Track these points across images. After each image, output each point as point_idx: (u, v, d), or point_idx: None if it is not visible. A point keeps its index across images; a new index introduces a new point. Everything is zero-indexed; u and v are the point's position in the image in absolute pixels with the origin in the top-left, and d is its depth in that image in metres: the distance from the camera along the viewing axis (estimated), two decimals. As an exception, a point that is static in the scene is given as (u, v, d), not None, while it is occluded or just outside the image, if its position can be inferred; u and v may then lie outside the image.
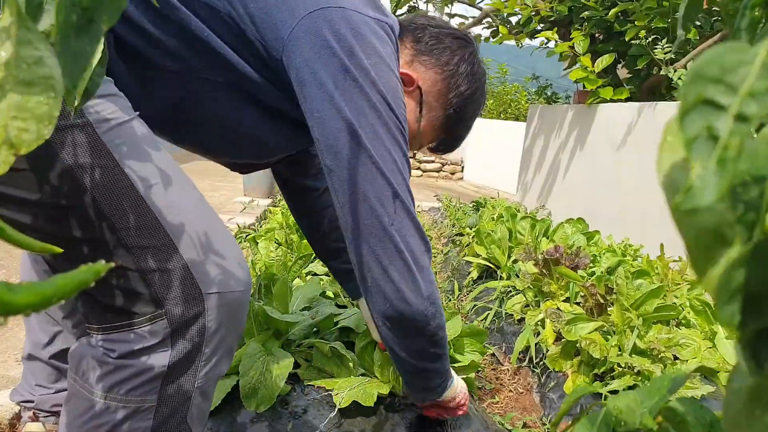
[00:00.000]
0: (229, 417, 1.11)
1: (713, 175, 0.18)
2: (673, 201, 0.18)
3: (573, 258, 1.95)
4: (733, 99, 0.18)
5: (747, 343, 0.18)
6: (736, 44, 0.19)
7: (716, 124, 0.18)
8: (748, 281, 0.17)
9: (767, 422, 0.19)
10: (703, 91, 0.19)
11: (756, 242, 0.17)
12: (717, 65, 0.19)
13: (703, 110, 0.19)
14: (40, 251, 0.31)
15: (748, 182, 0.17)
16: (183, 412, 0.76)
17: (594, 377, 1.49)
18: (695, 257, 0.18)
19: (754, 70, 0.18)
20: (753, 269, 0.17)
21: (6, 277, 2.27)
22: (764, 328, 0.18)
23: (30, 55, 0.24)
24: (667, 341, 1.45)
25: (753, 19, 0.29)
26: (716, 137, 0.18)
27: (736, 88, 0.18)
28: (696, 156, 0.18)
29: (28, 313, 0.23)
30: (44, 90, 0.24)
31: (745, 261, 0.17)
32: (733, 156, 0.18)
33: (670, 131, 0.19)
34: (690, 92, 0.19)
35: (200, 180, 5.85)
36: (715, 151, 0.18)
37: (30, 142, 0.24)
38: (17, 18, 0.25)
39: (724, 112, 0.18)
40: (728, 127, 0.18)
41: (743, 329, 0.18)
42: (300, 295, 1.51)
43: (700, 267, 0.18)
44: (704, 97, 0.19)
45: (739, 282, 0.17)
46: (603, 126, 3.37)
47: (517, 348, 1.77)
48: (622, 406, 0.29)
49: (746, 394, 0.20)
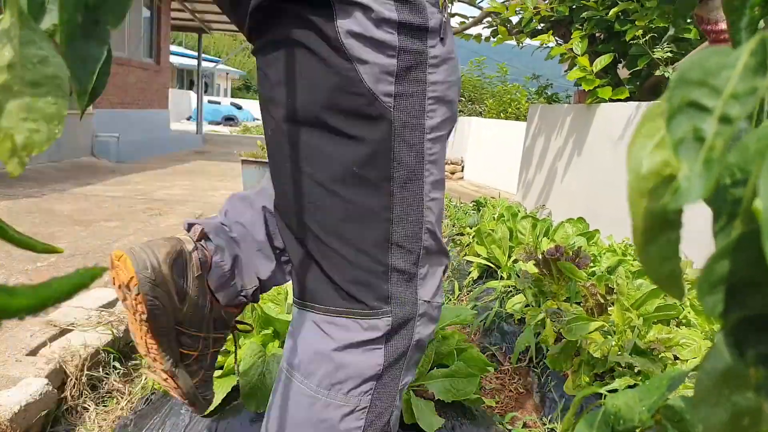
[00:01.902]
0: (229, 417, 1.11)
1: (699, 177, 0.18)
2: (661, 202, 0.19)
3: (573, 258, 1.95)
4: (717, 101, 0.19)
5: (729, 331, 0.19)
6: (719, 48, 0.20)
7: (702, 126, 0.19)
8: (731, 272, 0.18)
9: (733, 401, 0.20)
10: (688, 94, 0.19)
11: (738, 234, 0.18)
12: (700, 69, 0.19)
13: (689, 112, 0.19)
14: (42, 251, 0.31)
15: (736, 177, 0.18)
16: (388, 415, 0.78)
17: (594, 377, 1.49)
18: (641, 238, 0.20)
19: (736, 73, 0.19)
20: (735, 260, 0.18)
21: (6, 277, 2.28)
22: (746, 317, 0.19)
23: (34, 55, 0.24)
24: (668, 341, 1.45)
25: (753, 18, 0.29)
26: (702, 138, 0.19)
27: (719, 91, 0.19)
28: (683, 157, 0.19)
29: (23, 317, 0.23)
30: (52, 90, 0.24)
31: (728, 252, 0.18)
32: (717, 157, 0.18)
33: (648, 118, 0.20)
34: (675, 95, 0.19)
35: (200, 180, 5.85)
36: (701, 152, 0.19)
37: (41, 143, 0.24)
38: (19, 18, 0.25)
39: (709, 114, 0.19)
40: (713, 129, 0.19)
41: (726, 318, 0.19)
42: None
43: (643, 246, 0.20)
44: (689, 100, 0.19)
45: (722, 272, 0.18)
46: (603, 126, 3.37)
47: (518, 348, 1.77)
48: (621, 404, 0.29)
49: (718, 375, 0.21)
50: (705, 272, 0.18)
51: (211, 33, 11.87)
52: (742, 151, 0.19)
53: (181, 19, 10.79)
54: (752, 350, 0.19)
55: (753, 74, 0.18)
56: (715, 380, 0.21)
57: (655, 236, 0.20)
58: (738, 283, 0.18)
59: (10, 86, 0.24)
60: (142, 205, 4.14)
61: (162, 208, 4.06)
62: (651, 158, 0.19)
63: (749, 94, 0.18)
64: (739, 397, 0.20)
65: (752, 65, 0.18)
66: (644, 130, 0.20)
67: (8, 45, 0.24)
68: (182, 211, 4.01)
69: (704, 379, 0.21)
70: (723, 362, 0.20)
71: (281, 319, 1.26)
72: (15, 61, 0.24)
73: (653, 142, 0.20)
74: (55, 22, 0.29)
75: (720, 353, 0.20)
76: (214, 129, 17.32)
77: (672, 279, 0.21)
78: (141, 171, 6.25)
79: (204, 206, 4.23)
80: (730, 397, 0.20)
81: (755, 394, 0.19)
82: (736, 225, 0.18)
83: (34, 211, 3.60)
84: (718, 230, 0.19)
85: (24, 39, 0.24)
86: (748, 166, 0.18)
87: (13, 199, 3.94)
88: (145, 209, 3.96)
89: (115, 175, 5.70)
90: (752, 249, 0.17)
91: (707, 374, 0.21)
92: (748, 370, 0.19)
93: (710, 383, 0.21)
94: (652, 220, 0.20)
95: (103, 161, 6.76)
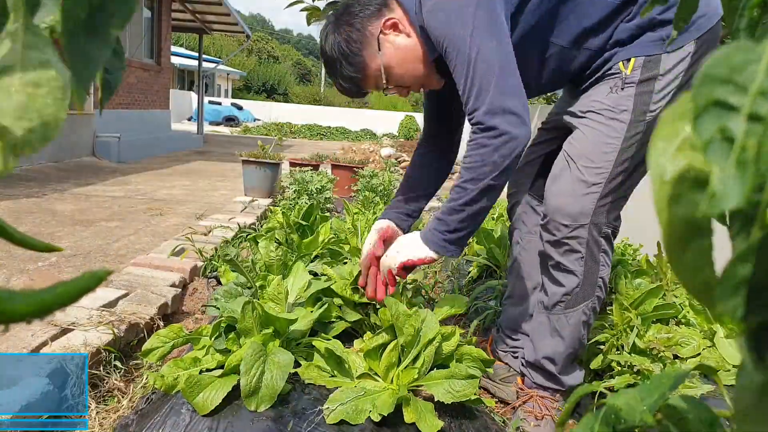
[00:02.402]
0: (230, 416, 1.11)
1: (734, 179, 0.17)
2: (698, 208, 0.18)
3: (573, 258, 1.94)
4: (744, 99, 0.18)
5: (750, 336, 0.18)
6: (742, 43, 0.19)
7: (730, 125, 0.18)
8: (751, 276, 0.17)
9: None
10: (713, 92, 0.18)
11: (759, 238, 0.17)
12: (725, 65, 0.18)
13: (715, 111, 0.18)
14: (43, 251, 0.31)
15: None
16: None
17: (594, 376, 1.49)
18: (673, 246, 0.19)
19: (762, 68, 0.18)
20: (755, 264, 0.17)
21: (6, 277, 2.28)
22: (766, 322, 0.18)
23: (36, 57, 0.24)
24: (667, 341, 1.45)
25: (752, 19, 0.29)
26: (731, 138, 0.18)
27: (746, 88, 0.18)
28: (713, 159, 0.18)
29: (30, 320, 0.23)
30: (50, 91, 0.24)
31: (750, 255, 0.17)
32: (752, 157, 0.17)
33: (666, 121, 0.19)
34: (700, 94, 0.18)
35: (200, 180, 5.85)
36: (733, 153, 0.18)
37: (35, 143, 0.24)
38: (24, 22, 0.25)
39: (737, 113, 0.18)
40: (743, 128, 0.18)
41: (746, 323, 0.18)
42: (299, 294, 1.51)
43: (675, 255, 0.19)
44: (715, 98, 0.18)
45: (743, 275, 0.17)
46: (603, 126, 3.36)
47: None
48: (621, 403, 0.29)
49: (756, 390, 0.20)
50: (724, 276, 0.18)
51: (212, 34, 11.87)
52: (760, 153, 0.18)
53: (181, 20, 10.79)
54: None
55: (781, 69, 0.17)
56: (754, 396, 0.20)
57: (688, 244, 0.19)
58: (758, 287, 0.18)
59: (8, 87, 0.24)
60: (142, 205, 4.14)
61: (163, 208, 4.06)
62: (674, 163, 0.19)
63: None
64: None
65: (780, 60, 0.17)
66: (663, 134, 0.19)
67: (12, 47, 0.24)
68: (183, 211, 4.01)
69: (743, 397, 0.20)
70: (759, 377, 0.19)
71: (281, 318, 1.26)
72: (17, 62, 0.24)
73: (674, 145, 0.19)
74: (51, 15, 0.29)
75: (751, 366, 0.19)
76: (214, 129, 17.31)
77: (707, 288, 0.20)
78: (142, 171, 6.25)
79: (205, 206, 4.23)
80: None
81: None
82: (754, 229, 0.18)
83: (35, 211, 3.60)
84: (735, 234, 0.19)
85: (27, 43, 0.25)
86: (764, 169, 0.18)
87: (14, 199, 3.95)
88: (145, 209, 3.96)
89: (116, 175, 5.71)
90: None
91: (744, 390, 0.20)
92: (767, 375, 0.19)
93: (750, 400, 0.20)
94: (684, 228, 0.19)
95: (104, 161, 6.76)
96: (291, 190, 3.94)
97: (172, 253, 2.58)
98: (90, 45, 0.25)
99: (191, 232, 2.95)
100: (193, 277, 2.45)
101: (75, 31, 0.25)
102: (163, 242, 2.90)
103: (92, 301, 1.86)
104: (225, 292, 1.67)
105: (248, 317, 1.26)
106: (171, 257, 2.54)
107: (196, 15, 10.30)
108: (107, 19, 0.25)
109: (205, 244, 2.80)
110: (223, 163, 7.73)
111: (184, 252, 2.61)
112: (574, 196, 1.29)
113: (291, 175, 4.06)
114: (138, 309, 1.87)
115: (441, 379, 1.25)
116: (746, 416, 0.20)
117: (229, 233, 3.11)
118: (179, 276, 2.32)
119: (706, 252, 0.19)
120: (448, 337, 1.30)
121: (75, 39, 0.25)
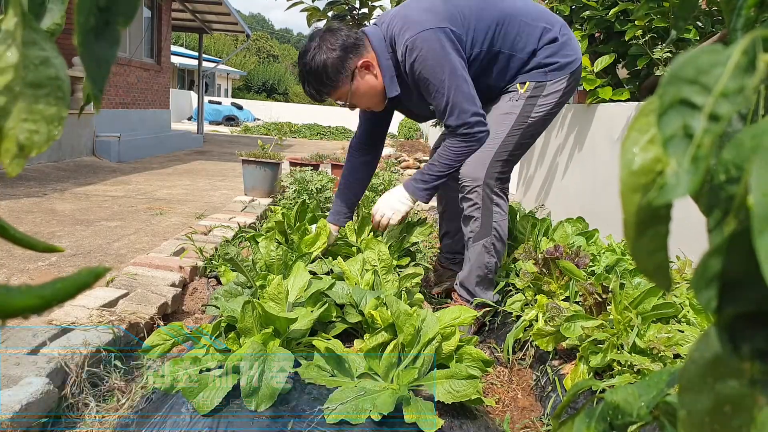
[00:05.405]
0: (229, 416, 1.11)
1: (686, 173, 0.19)
2: (647, 196, 0.19)
3: (573, 257, 1.95)
4: (707, 99, 0.19)
5: (724, 327, 0.19)
6: (712, 46, 0.20)
7: (692, 123, 0.19)
8: (725, 268, 0.18)
9: (717, 390, 0.20)
10: (680, 92, 0.19)
11: (731, 233, 0.18)
12: (692, 66, 0.19)
13: (680, 109, 0.19)
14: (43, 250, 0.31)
15: (731, 174, 0.18)
16: None
17: (593, 376, 1.49)
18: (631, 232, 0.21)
19: (727, 71, 0.19)
20: (729, 257, 0.18)
21: (6, 276, 2.28)
22: (740, 313, 0.19)
23: (36, 56, 0.24)
24: (667, 340, 1.45)
25: (748, 19, 0.30)
26: (692, 135, 0.19)
27: (710, 89, 0.19)
28: (672, 153, 0.19)
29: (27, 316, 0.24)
30: (52, 91, 0.24)
31: (722, 250, 0.18)
32: (705, 153, 0.19)
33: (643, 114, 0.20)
34: (667, 92, 0.20)
35: (200, 179, 5.86)
36: (690, 149, 0.19)
37: (41, 144, 0.25)
38: (21, 18, 0.25)
39: (699, 112, 0.19)
40: (702, 126, 0.19)
41: (720, 314, 0.19)
42: (300, 294, 1.51)
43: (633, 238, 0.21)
44: (680, 97, 0.19)
45: (716, 269, 0.18)
46: (603, 125, 3.38)
47: (507, 343, 1.79)
48: (619, 399, 0.29)
49: (704, 365, 0.21)
50: (699, 268, 0.19)
51: (212, 33, 11.87)
52: (737, 148, 0.19)
53: (181, 19, 10.80)
54: (747, 345, 0.19)
55: (743, 73, 0.18)
56: (701, 369, 0.21)
57: (645, 230, 0.20)
58: (732, 279, 0.18)
59: (11, 87, 0.24)
60: (143, 204, 4.14)
61: (163, 207, 4.06)
62: (643, 154, 0.20)
63: (739, 93, 0.18)
64: (723, 385, 0.20)
65: (743, 64, 0.18)
66: (638, 126, 0.20)
67: (11, 46, 0.24)
68: (183, 210, 4.02)
69: (690, 368, 0.21)
70: (710, 352, 0.21)
71: (282, 317, 1.26)
72: (17, 61, 0.24)
73: (646, 138, 0.20)
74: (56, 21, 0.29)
75: (708, 344, 0.21)
76: (214, 129, 17.32)
77: (659, 270, 0.21)
78: (142, 171, 6.25)
79: (205, 206, 4.23)
80: (714, 385, 0.20)
81: (749, 388, 0.19)
82: (729, 221, 0.19)
83: (35, 211, 3.61)
84: (712, 227, 0.19)
85: (26, 39, 0.25)
86: (742, 163, 0.19)
87: (15, 198, 3.95)
88: (146, 209, 3.96)
89: (116, 175, 5.71)
90: (745, 245, 0.18)
91: (694, 363, 0.21)
92: (742, 365, 0.19)
93: (696, 372, 0.21)
94: (642, 215, 0.20)
95: (104, 161, 6.76)
96: (291, 190, 3.94)
97: (172, 253, 2.58)
98: (100, 46, 0.25)
99: (191, 231, 2.95)
100: (193, 277, 2.45)
101: (88, 36, 0.25)
102: (163, 242, 2.90)
103: (92, 301, 1.86)
104: (225, 291, 1.67)
105: (248, 317, 1.26)
106: (171, 257, 2.54)
107: (196, 14, 10.30)
108: (113, 18, 0.25)
109: (205, 243, 2.80)
110: (224, 162, 7.73)
111: (184, 251, 2.61)
112: (473, 165, 1.90)
113: (291, 174, 4.06)
114: (138, 308, 1.87)
115: (441, 378, 1.25)
116: (689, 384, 0.22)
117: (229, 233, 3.11)
118: (179, 275, 2.32)
119: (662, 238, 0.21)
120: (448, 337, 1.30)
121: (89, 45, 0.25)
